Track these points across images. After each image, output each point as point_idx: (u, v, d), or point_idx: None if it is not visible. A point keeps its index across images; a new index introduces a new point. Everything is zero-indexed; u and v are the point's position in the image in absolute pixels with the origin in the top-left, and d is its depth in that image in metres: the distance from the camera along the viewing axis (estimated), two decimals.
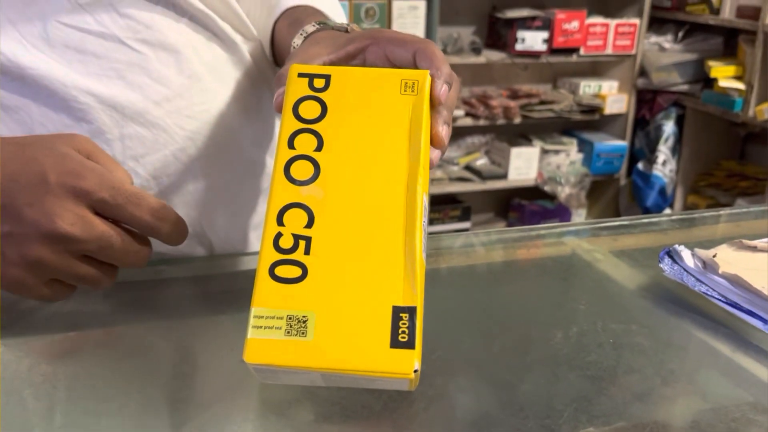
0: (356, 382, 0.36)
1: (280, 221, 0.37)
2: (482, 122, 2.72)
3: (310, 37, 0.51)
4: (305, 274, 0.36)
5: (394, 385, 0.36)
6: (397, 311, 0.35)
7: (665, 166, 2.89)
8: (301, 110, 0.40)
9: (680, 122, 2.90)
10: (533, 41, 2.64)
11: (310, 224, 0.37)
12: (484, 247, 0.65)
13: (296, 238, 0.37)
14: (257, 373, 0.36)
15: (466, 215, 2.93)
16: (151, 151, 0.55)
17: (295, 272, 0.36)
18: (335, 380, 0.36)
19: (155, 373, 0.43)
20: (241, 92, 0.61)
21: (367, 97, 0.41)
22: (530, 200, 3.02)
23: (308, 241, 0.37)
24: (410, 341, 0.34)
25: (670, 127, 2.88)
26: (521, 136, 2.97)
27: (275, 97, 0.43)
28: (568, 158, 2.92)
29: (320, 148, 0.39)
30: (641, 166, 2.94)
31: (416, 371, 0.34)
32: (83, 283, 0.45)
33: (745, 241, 0.55)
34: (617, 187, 3.06)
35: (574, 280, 0.60)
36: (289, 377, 0.36)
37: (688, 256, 0.54)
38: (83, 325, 0.49)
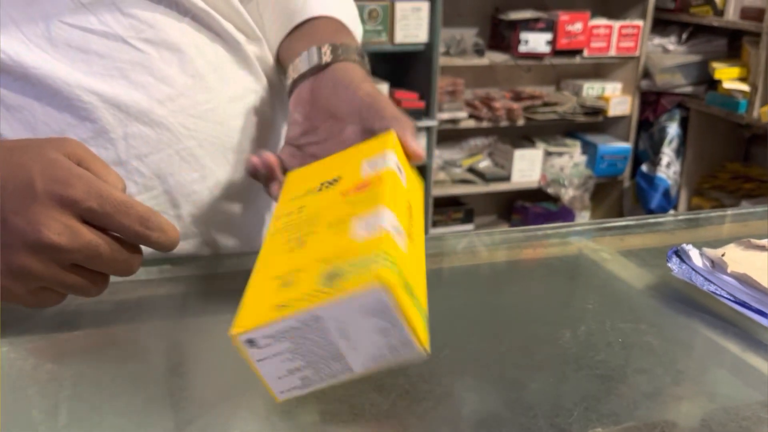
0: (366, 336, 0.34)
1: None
2: (485, 124, 2.72)
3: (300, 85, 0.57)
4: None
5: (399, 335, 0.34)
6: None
7: (669, 168, 2.88)
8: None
9: (684, 124, 2.90)
10: (536, 43, 2.64)
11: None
12: (490, 247, 0.65)
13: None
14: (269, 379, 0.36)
15: (469, 217, 2.93)
16: (154, 150, 0.55)
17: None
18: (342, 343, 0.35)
19: (160, 371, 0.43)
20: (244, 91, 0.61)
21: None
22: (533, 202, 3.02)
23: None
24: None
25: (674, 128, 2.87)
26: (524, 138, 2.97)
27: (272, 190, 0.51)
28: (571, 160, 2.92)
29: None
30: (645, 168, 2.94)
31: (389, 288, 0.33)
32: (72, 292, 0.44)
33: (753, 240, 0.55)
34: (621, 189, 3.06)
35: (581, 279, 0.60)
36: (305, 379, 0.36)
37: (696, 255, 0.54)
38: (88, 323, 0.48)
